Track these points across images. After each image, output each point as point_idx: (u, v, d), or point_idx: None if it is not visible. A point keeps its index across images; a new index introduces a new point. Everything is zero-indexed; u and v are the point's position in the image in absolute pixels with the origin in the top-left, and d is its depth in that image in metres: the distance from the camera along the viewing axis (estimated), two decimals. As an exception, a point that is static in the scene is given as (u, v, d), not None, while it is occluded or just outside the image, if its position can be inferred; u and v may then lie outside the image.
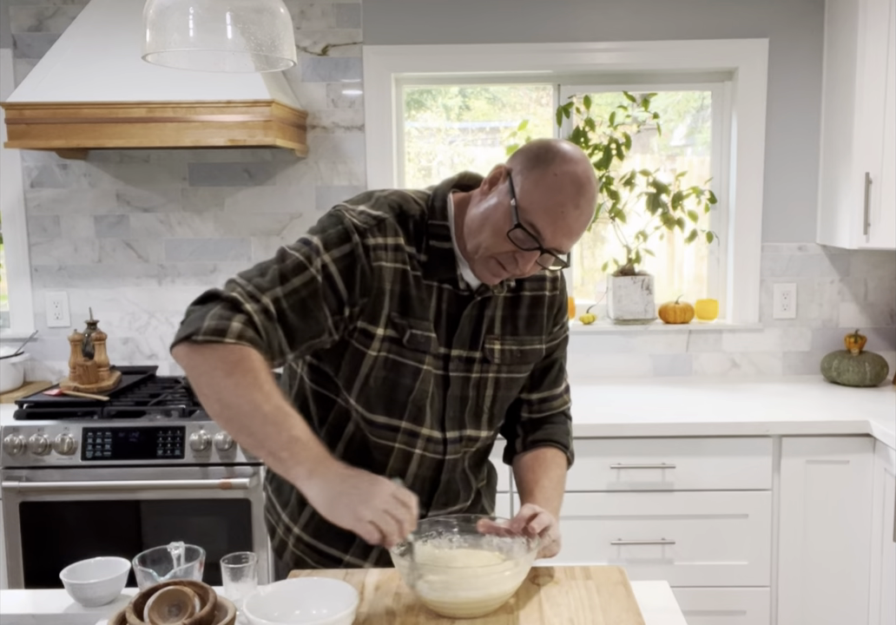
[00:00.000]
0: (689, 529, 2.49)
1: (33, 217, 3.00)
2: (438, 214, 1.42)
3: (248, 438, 1.26)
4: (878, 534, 2.43)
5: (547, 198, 1.31)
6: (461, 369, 1.46)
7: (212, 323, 1.27)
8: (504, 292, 1.48)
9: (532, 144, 1.38)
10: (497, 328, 1.48)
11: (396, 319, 1.39)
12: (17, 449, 2.44)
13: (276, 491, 1.61)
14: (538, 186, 1.32)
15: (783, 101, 2.95)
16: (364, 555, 1.52)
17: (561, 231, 1.32)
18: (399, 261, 1.38)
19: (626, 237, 3.03)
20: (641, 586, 1.41)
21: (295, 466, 1.23)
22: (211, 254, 3.02)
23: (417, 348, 1.40)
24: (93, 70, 2.53)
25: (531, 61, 2.94)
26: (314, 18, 2.92)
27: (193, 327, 1.28)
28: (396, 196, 1.44)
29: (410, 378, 1.41)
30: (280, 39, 1.39)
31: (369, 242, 1.35)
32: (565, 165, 1.32)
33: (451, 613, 1.26)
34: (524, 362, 1.52)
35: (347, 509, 1.20)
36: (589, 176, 1.33)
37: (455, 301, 1.44)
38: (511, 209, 1.32)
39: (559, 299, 1.56)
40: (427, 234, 1.41)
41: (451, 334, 1.44)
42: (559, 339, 1.59)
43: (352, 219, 1.37)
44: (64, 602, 1.41)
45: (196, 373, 1.29)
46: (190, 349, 1.28)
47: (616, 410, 2.63)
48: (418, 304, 1.40)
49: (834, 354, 2.94)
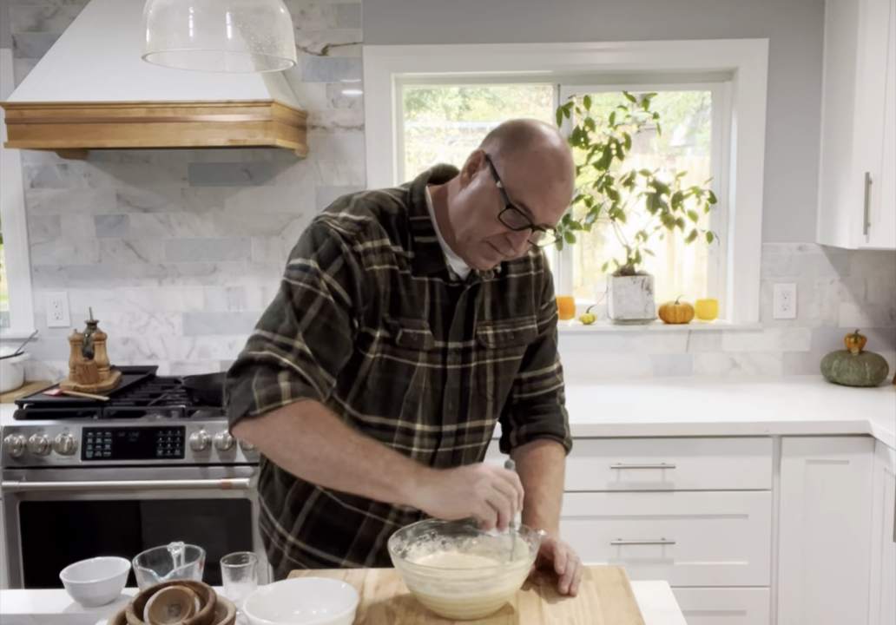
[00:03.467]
0: (689, 529, 2.49)
1: (33, 217, 3.00)
2: (418, 209, 1.43)
3: (347, 480, 1.29)
4: (878, 534, 2.43)
5: (533, 175, 1.32)
6: (458, 361, 1.47)
7: (262, 393, 1.28)
8: (491, 278, 1.49)
9: (505, 126, 1.39)
10: (487, 314, 1.49)
11: (388, 320, 1.40)
12: (17, 449, 2.44)
13: (269, 501, 1.60)
14: (521, 165, 1.33)
15: (783, 101, 2.95)
16: (360, 558, 1.52)
17: (550, 206, 1.34)
18: (387, 262, 1.39)
19: (626, 237, 3.03)
20: (641, 586, 1.41)
21: (401, 485, 1.25)
22: (211, 254, 3.02)
23: (410, 347, 1.41)
24: (93, 70, 2.53)
25: (531, 61, 2.94)
26: (314, 18, 2.92)
27: (247, 403, 1.28)
28: (374, 197, 1.44)
29: (405, 376, 1.42)
30: (280, 39, 1.39)
31: (358, 248, 1.36)
32: (543, 141, 1.34)
33: (452, 614, 1.26)
34: (519, 344, 1.53)
35: (461, 497, 1.22)
36: (567, 148, 1.36)
37: (447, 293, 1.45)
38: (498, 192, 1.33)
39: (544, 277, 1.58)
40: (410, 230, 1.42)
41: (447, 327, 1.45)
42: (549, 318, 1.61)
43: (336, 229, 1.37)
44: (64, 602, 1.41)
45: (269, 443, 1.30)
46: (253, 425, 1.29)
47: (616, 410, 2.63)
48: (408, 302, 1.41)
49: (834, 354, 2.94)
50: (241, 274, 3.03)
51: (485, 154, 1.37)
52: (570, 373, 1.61)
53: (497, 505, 1.22)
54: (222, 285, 3.04)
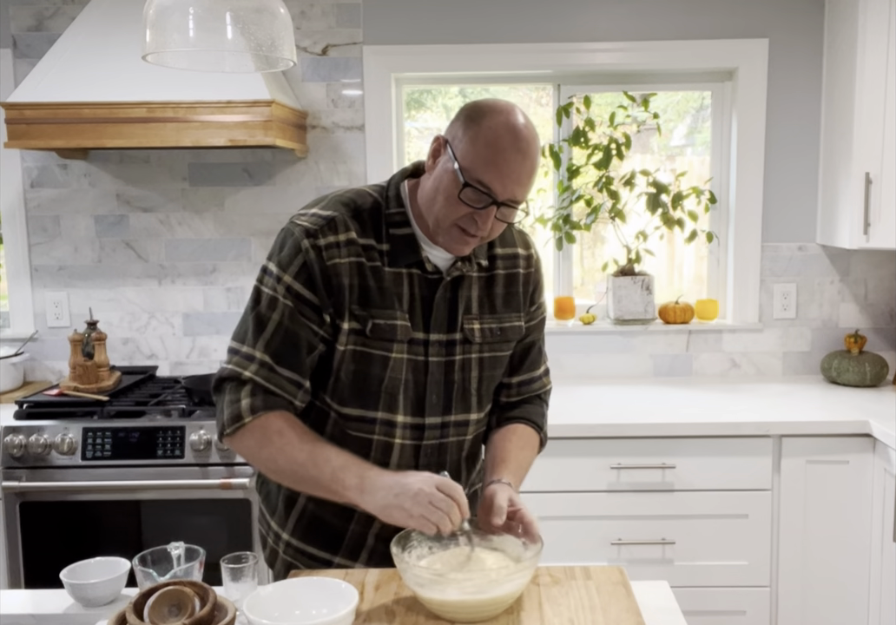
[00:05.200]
0: (689, 529, 2.49)
1: (33, 217, 3.00)
2: (393, 202, 1.45)
3: (307, 487, 1.40)
4: (878, 534, 2.43)
5: (486, 151, 1.33)
6: (442, 354, 1.46)
7: (227, 413, 1.39)
8: (475, 270, 1.49)
9: (463, 108, 1.41)
10: (475, 308, 1.49)
11: (357, 312, 1.41)
12: (17, 449, 2.44)
13: (265, 500, 1.62)
14: (475, 142, 1.34)
15: (783, 101, 2.95)
16: (353, 556, 1.52)
17: (510, 179, 1.34)
18: (353, 254, 1.40)
19: (626, 237, 3.03)
20: (641, 586, 1.41)
21: (346, 491, 1.32)
22: (211, 254, 3.02)
23: (382, 338, 1.42)
24: (93, 70, 2.53)
25: (531, 61, 2.94)
26: (314, 18, 2.92)
27: (220, 424, 1.41)
28: (351, 193, 1.47)
29: (380, 368, 1.43)
30: (280, 39, 1.39)
31: (320, 242, 1.39)
32: (496, 116, 1.34)
33: (452, 616, 1.26)
34: (505, 340, 1.53)
35: (398, 510, 1.27)
36: (523, 122, 1.35)
37: (426, 285, 1.45)
38: (456, 172, 1.34)
39: (534, 277, 1.58)
40: (386, 223, 1.44)
41: (428, 319, 1.45)
42: (537, 319, 1.60)
43: (302, 224, 1.42)
44: (64, 602, 1.41)
45: (245, 456, 1.45)
46: (230, 442, 1.42)
47: (616, 410, 2.62)
48: (378, 294, 1.41)
49: (834, 354, 2.94)
50: (241, 274, 3.03)
51: (444, 138, 1.39)
52: (570, 373, 1.61)
53: (433, 520, 1.25)
54: (222, 285, 3.04)
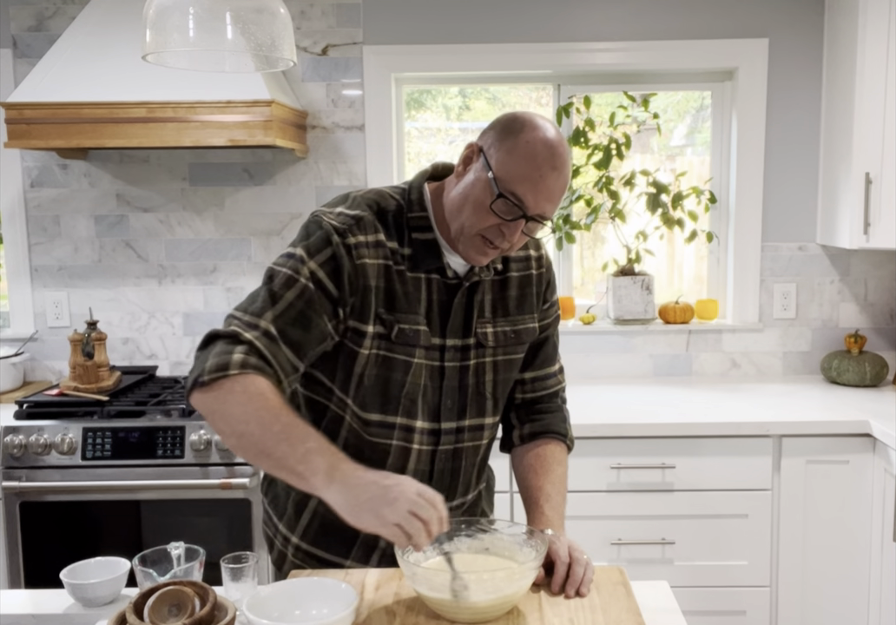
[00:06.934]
0: (689, 529, 2.49)
1: (33, 217, 3.00)
2: (416, 205, 1.44)
3: (267, 461, 1.25)
4: (878, 534, 2.43)
5: (524, 165, 1.32)
6: (457, 359, 1.46)
7: (214, 361, 1.27)
8: (491, 276, 1.49)
9: (499, 119, 1.40)
10: (487, 312, 1.48)
11: (384, 316, 1.39)
12: (17, 449, 2.44)
13: (272, 502, 1.60)
14: (512, 154, 1.33)
15: (783, 101, 2.95)
16: (366, 559, 1.51)
17: (542, 195, 1.34)
18: (381, 257, 1.39)
19: (626, 237, 3.03)
20: (641, 586, 1.41)
21: (312, 476, 1.20)
22: (211, 254, 3.02)
23: (406, 343, 1.41)
24: (93, 70, 2.53)
25: (531, 61, 2.94)
26: (314, 18, 2.92)
27: (198, 371, 1.27)
28: (373, 194, 1.45)
29: (402, 373, 1.42)
30: (280, 39, 1.39)
31: (350, 241, 1.37)
32: (535, 131, 1.34)
33: (453, 617, 1.26)
34: (519, 343, 1.53)
35: (371, 514, 1.16)
36: (560, 139, 1.35)
37: (445, 290, 1.44)
38: (490, 181, 1.33)
39: (546, 277, 1.57)
40: (408, 227, 1.43)
41: (445, 324, 1.44)
42: (551, 318, 1.60)
43: (330, 221, 1.38)
44: (64, 602, 1.41)
45: (209, 412, 1.28)
46: (200, 393, 1.27)
47: (616, 410, 2.63)
48: (404, 298, 1.40)
49: (834, 354, 2.94)
50: (241, 274, 3.03)
51: (478, 146, 1.38)
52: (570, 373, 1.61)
53: (409, 531, 1.15)
54: (222, 285, 3.04)
